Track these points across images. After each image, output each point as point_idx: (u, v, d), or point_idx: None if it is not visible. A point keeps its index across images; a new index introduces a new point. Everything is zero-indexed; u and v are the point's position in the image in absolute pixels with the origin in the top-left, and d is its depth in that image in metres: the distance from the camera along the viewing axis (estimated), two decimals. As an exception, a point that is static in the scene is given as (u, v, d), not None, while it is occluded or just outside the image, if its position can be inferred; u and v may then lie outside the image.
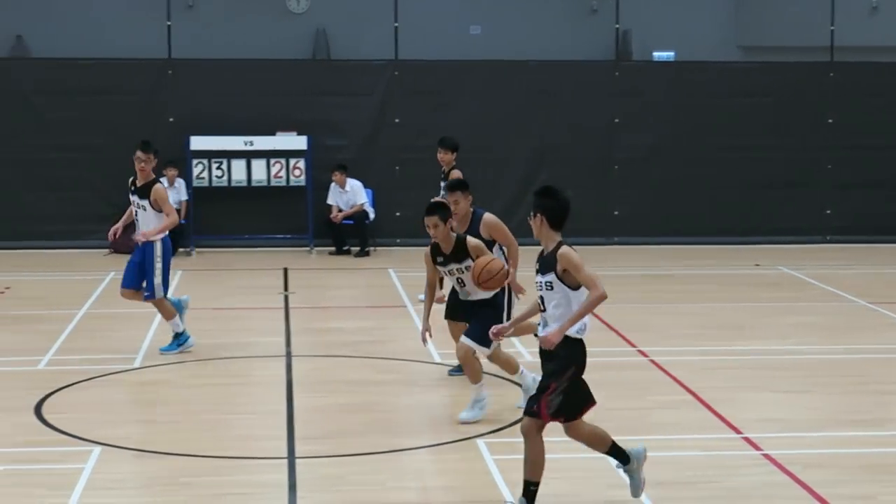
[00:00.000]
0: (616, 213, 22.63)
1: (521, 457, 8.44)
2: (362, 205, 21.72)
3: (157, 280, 13.55)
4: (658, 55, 27.11)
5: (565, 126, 22.41)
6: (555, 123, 22.40)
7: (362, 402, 11.86)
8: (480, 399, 10.93)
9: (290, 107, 22.00)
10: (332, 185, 21.75)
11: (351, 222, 21.70)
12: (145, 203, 13.50)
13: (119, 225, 14.23)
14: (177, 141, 21.41)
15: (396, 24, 22.56)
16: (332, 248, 21.85)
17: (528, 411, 8.39)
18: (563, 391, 8.30)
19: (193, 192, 21.59)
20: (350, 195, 21.76)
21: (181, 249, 21.06)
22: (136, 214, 13.67)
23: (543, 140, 22.40)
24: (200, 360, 13.48)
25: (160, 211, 13.46)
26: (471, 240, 10.97)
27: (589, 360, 8.45)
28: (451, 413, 11.30)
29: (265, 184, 21.89)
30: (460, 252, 10.86)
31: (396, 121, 22.38)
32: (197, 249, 21.58)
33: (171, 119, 21.81)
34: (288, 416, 11.30)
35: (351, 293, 18.82)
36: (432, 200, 11.42)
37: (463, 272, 10.88)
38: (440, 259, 10.95)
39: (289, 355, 13.79)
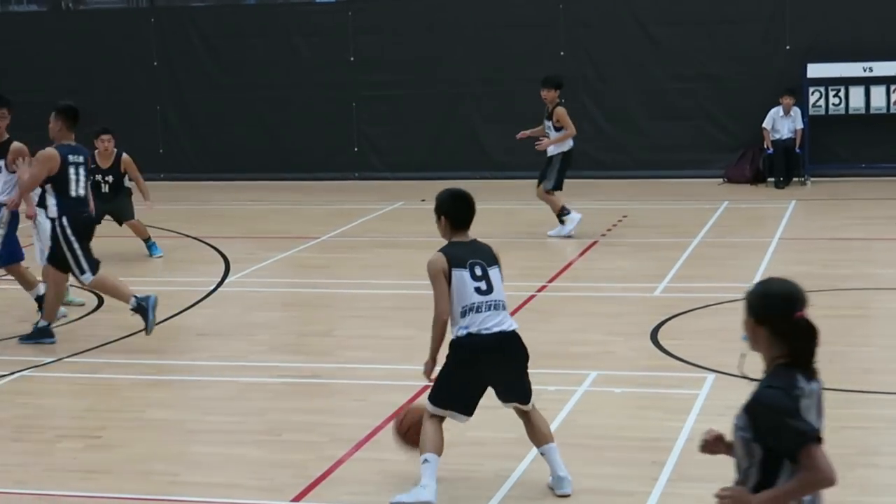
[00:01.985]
0: None
1: None
2: None
3: None
4: None
5: None
6: None
7: None
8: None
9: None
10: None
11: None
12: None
13: None
14: (794, 69, 20.98)
15: None
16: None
17: None
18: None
19: (809, 120, 21.07)
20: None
21: (795, 179, 20.72)
22: None
23: None
24: (822, 291, 13.13)
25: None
26: None
27: None
28: None
29: (884, 111, 21.00)
30: None
31: None
32: (812, 179, 21.08)
33: (787, 47, 21.38)
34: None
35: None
36: None
37: None
38: None
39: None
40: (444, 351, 7.88)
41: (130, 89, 23.06)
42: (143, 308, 11.57)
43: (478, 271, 7.83)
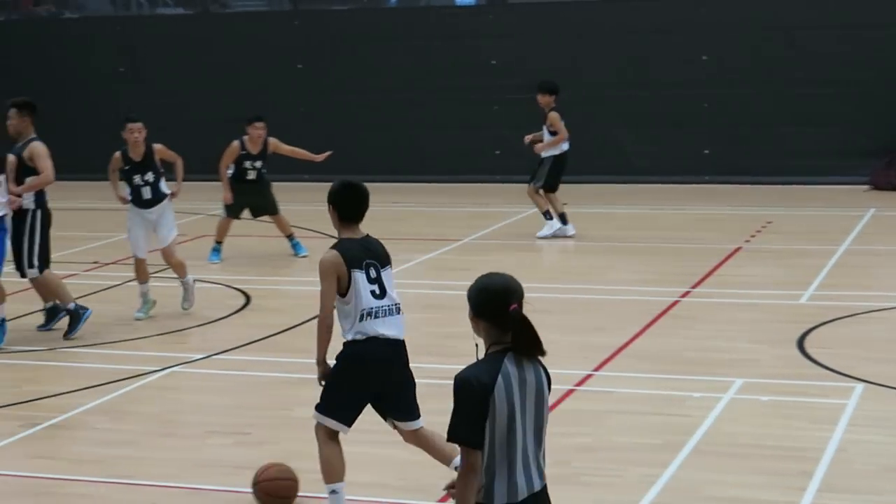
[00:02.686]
0: None
1: None
2: None
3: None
4: None
5: None
6: None
7: None
8: None
9: None
10: None
11: None
12: None
13: None
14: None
15: None
16: None
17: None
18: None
19: None
20: None
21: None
22: None
23: None
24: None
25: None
26: None
27: None
28: None
29: None
30: None
31: None
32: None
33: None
34: None
35: None
36: None
37: None
38: None
39: None
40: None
41: (273, 91, 23.37)
42: (77, 315, 12.10)
43: (372, 273, 7.47)
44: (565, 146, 16.90)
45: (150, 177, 12.95)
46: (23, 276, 12.31)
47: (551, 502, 5.16)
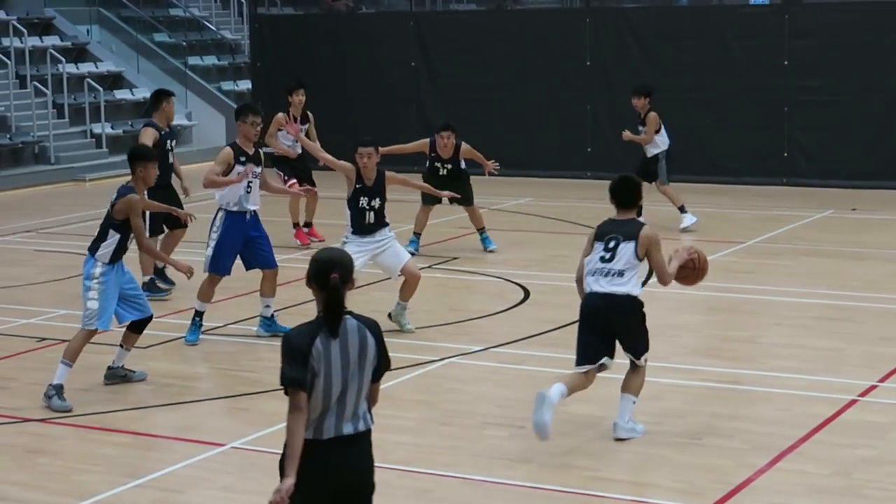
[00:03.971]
0: None
1: None
2: None
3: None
4: None
5: None
6: None
7: None
8: None
9: None
10: None
11: None
12: None
13: None
14: None
15: None
16: None
17: None
18: None
19: None
20: None
21: None
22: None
23: None
24: None
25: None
26: None
27: None
28: None
29: None
30: None
31: None
32: None
33: None
34: None
35: None
36: None
37: None
38: None
39: None
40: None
41: (562, 87, 23.45)
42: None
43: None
44: (667, 140, 17.80)
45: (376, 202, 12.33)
46: None
47: (371, 445, 5.91)
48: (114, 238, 10.33)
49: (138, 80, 28.81)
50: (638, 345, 9.11)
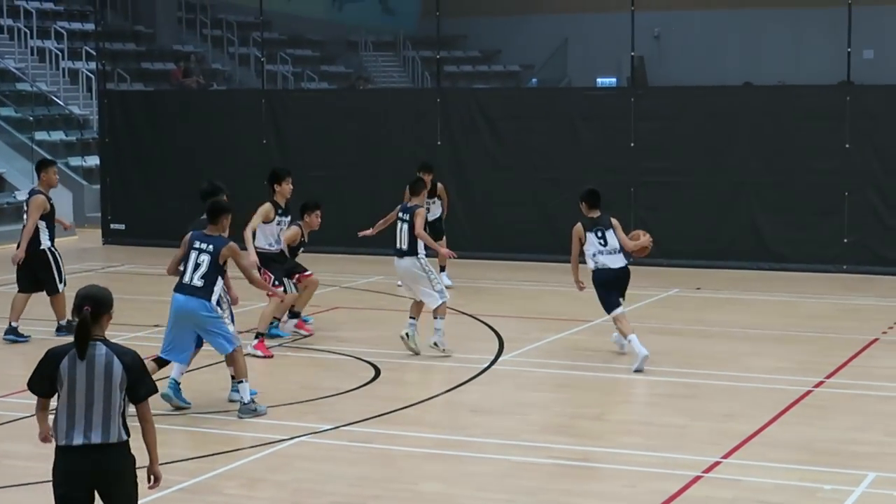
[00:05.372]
0: None
1: None
2: None
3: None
4: None
5: None
6: None
7: None
8: None
9: None
10: None
11: None
12: None
13: None
14: None
15: None
16: None
17: None
18: None
19: None
20: None
21: None
22: None
23: None
24: None
25: None
26: None
27: None
28: None
29: None
30: None
31: None
32: None
33: None
34: None
35: None
36: None
37: None
38: None
39: None
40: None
41: (414, 165, 23.53)
42: None
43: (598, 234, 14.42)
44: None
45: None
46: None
47: (125, 454, 6.86)
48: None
49: (-17, 154, 28.32)
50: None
